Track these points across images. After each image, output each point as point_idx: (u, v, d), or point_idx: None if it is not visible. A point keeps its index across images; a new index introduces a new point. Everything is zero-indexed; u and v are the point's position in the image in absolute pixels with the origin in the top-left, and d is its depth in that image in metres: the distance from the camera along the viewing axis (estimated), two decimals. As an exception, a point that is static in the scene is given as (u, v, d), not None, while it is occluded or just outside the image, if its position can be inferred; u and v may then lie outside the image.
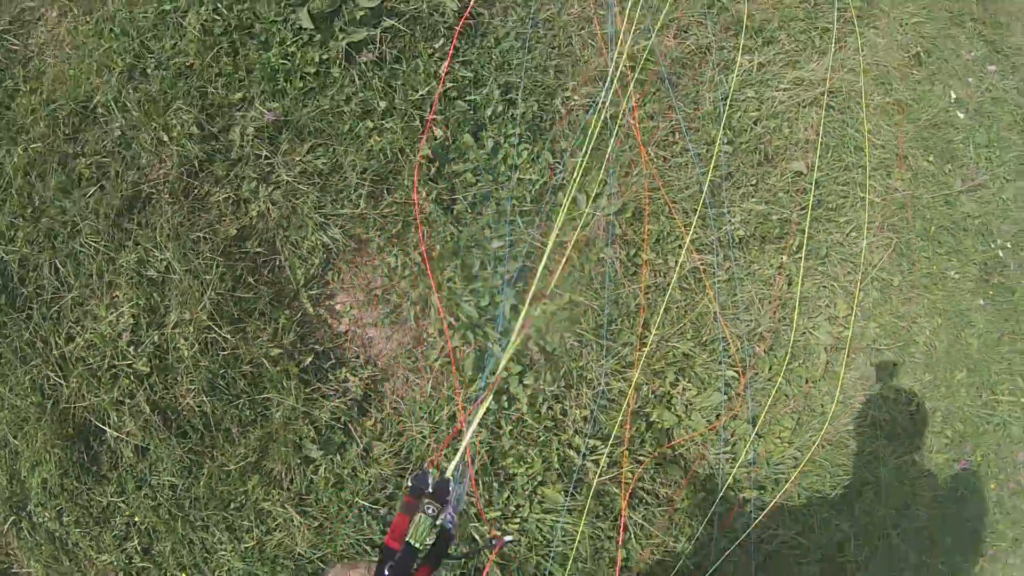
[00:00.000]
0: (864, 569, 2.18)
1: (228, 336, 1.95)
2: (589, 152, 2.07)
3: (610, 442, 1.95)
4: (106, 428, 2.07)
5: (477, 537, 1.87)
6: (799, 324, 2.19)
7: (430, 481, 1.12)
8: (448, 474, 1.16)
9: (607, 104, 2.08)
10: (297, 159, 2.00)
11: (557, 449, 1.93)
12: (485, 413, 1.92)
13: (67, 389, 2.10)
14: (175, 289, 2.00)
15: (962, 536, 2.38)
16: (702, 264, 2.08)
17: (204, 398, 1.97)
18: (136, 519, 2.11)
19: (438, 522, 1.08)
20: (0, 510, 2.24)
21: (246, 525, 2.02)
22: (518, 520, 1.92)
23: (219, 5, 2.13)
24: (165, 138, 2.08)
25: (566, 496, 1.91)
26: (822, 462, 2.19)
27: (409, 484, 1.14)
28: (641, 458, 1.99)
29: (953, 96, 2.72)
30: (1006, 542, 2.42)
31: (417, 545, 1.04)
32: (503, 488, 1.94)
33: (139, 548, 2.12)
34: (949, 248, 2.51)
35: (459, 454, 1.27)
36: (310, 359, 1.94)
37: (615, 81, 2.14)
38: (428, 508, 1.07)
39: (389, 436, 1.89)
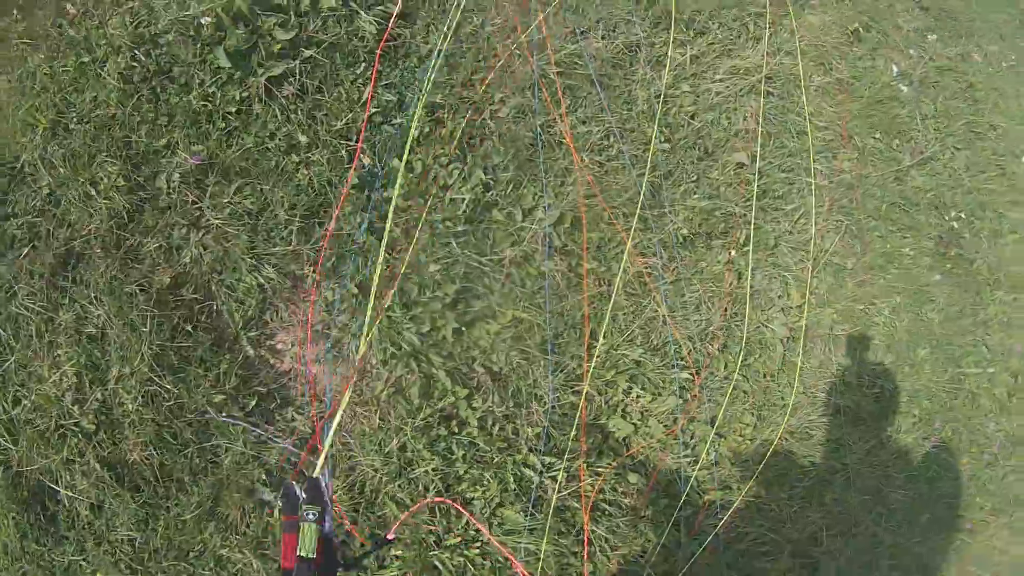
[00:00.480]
0: (839, 558, 2.16)
1: (170, 387, 1.92)
2: (518, 164, 2.04)
3: (566, 456, 1.93)
4: (59, 488, 2.05)
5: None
6: (752, 318, 2.17)
7: (298, 491, 1.06)
8: (316, 473, 1.10)
9: (536, 113, 2.05)
10: (225, 201, 1.97)
11: (512, 469, 1.91)
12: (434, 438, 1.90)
13: (17, 452, 2.07)
14: (114, 344, 1.98)
15: (938, 513, 2.36)
16: (646, 268, 2.05)
17: (152, 450, 1.95)
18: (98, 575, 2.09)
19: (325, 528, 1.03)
20: (-36, 580, 2.22)
21: (206, 574, 1.99)
22: (479, 544, 1.90)
23: (136, 52, 2.09)
24: (93, 192, 2.05)
25: (526, 516, 1.89)
26: (787, 455, 2.18)
27: (280, 504, 1.09)
28: (599, 470, 1.97)
29: (895, 70, 2.69)
30: (983, 514, 2.41)
31: (308, 555, 0.98)
32: (461, 514, 1.92)
33: (105, 605, 2.10)
34: (902, 225, 2.49)
35: (324, 451, 1.19)
36: (254, 402, 1.92)
37: (540, 89, 2.11)
38: (308, 514, 1.01)
39: (340, 472, 1.87)
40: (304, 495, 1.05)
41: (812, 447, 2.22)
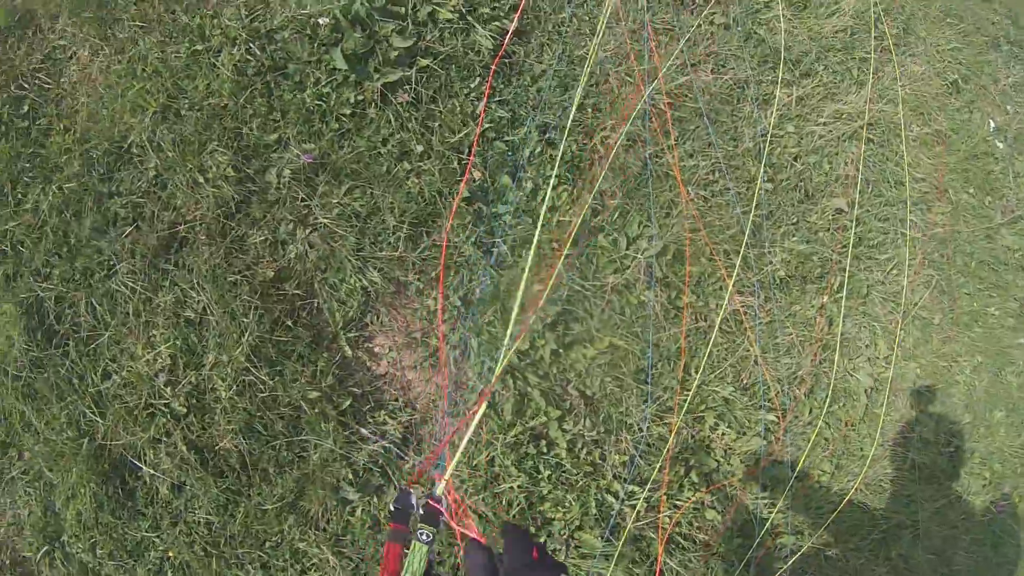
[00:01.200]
0: (903, 615, 2.15)
1: (266, 378, 1.94)
2: (626, 192, 2.05)
3: (648, 487, 1.94)
4: (142, 465, 2.09)
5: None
6: (839, 365, 2.16)
7: (414, 502, 1.00)
8: (438, 491, 1.07)
9: (646, 143, 2.05)
10: (335, 201, 1.99)
11: (595, 494, 1.91)
12: (517, 449, 1.90)
13: (104, 426, 2.11)
14: (213, 331, 2.00)
15: (1000, 579, 2.34)
16: (743, 306, 2.05)
17: (241, 439, 1.97)
18: (171, 554, 2.12)
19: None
20: (34, 540, 2.27)
21: (281, 564, 2.02)
22: (556, 566, 1.91)
23: (252, 46, 2.12)
24: (201, 179, 2.08)
25: (603, 541, 1.90)
26: (860, 506, 2.17)
27: (392, 509, 1.01)
28: (679, 503, 1.97)
29: (992, 125, 2.67)
30: (1045, 584, 2.38)
31: None
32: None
33: (173, 583, 2.14)
34: (990, 284, 2.46)
35: (451, 467, 1.16)
36: (348, 402, 1.93)
37: (649, 118, 2.11)
38: (422, 535, 0.95)
39: (427, 479, 1.89)
40: (422, 511, 0.99)
41: (884, 500, 2.21)
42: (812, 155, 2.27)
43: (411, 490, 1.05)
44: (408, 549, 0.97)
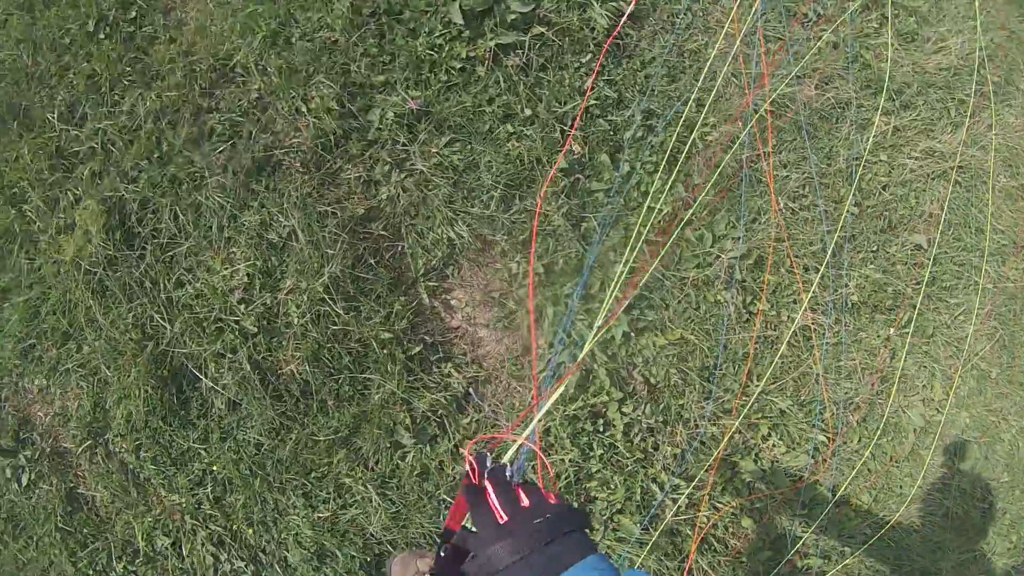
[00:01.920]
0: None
1: (341, 312, 1.98)
2: (716, 191, 2.06)
3: (693, 484, 1.96)
4: (202, 377, 2.13)
5: None
6: (895, 400, 2.17)
7: (489, 464, 1.06)
8: (505, 459, 1.10)
9: (745, 146, 2.06)
10: (434, 151, 2.01)
11: (641, 481, 1.94)
12: (579, 427, 1.93)
13: (170, 332, 2.16)
14: (295, 257, 2.04)
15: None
16: (813, 323, 2.06)
17: (307, 367, 2.01)
18: (215, 468, 2.17)
19: None
20: (78, 433, 2.32)
21: (323, 496, 2.06)
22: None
23: (373, -14, 2.14)
24: (303, 108, 2.11)
25: (641, 528, 1.93)
26: (889, 543, 2.18)
27: (467, 468, 1.08)
28: (719, 505, 1.99)
29: (1078, 190, 2.65)
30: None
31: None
32: (582, 509, 1.96)
33: (211, 496, 2.18)
34: (1050, 347, 2.46)
35: (521, 438, 1.18)
36: (418, 348, 1.96)
37: (750, 124, 2.12)
38: None
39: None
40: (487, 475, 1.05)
41: (913, 542, 2.22)
42: (900, 187, 2.27)
43: (488, 454, 1.07)
44: None
